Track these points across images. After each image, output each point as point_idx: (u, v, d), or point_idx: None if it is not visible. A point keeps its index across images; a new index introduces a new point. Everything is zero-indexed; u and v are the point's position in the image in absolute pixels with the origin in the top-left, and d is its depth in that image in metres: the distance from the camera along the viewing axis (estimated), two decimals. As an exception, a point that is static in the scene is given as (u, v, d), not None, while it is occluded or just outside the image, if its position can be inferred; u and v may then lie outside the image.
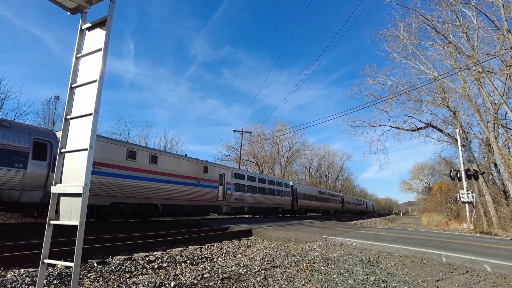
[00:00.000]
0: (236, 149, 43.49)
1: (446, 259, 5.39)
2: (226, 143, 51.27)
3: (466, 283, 4.03)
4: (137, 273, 4.28)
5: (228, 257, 5.76)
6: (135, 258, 5.22)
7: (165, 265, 4.79)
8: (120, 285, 3.55)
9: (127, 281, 3.72)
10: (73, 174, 2.63)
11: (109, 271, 4.24)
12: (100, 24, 2.92)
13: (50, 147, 10.06)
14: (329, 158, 69.35)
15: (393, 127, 26.01)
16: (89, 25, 3.02)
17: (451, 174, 18.54)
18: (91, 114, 2.64)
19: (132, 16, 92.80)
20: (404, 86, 23.85)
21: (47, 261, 2.57)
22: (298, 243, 7.66)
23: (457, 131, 19.15)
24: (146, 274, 4.23)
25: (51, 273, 3.88)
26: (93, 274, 4.04)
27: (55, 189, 2.66)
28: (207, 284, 3.74)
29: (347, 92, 77.51)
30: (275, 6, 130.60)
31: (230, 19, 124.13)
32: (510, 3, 15.59)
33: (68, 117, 2.84)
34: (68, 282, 3.69)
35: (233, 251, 6.41)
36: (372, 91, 26.95)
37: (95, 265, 4.56)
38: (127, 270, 4.37)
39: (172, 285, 3.55)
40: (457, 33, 19.14)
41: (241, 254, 6.16)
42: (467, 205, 16.76)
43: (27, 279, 3.66)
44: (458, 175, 17.84)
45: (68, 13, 3.14)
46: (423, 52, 22.31)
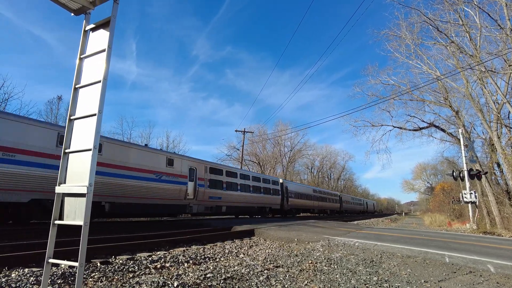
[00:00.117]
0: (238, 149, 43.52)
1: (449, 259, 5.38)
2: (228, 143, 51.50)
3: (469, 283, 4.02)
4: (140, 273, 4.30)
5: (230, 257, 5.77)
6: (138, 258, 5.24)
7: (168, 265, 4.80)
8: (123, 284, 3.56)
9: (131, 280, 3.74)
10: (77, 174, 2.64)
11: (113, 270, 4.26)
12: (103, 25, 2.93)
13: None
14: (331, 158, 69.35)
15: (395, 127, 26.00)
16: (92, 26, 3.03)
17: (454, 174, 18.47)
18: (95, 114, 2.65)
19: (133, 16, 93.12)
20: (406, 85, 23.80)
21: (51, 260, 2.58)
22: (300, 243, 7.66)
23: (459, 130, 19.08)
24: (149, 274, 4.24)
25: (55, 273, 3.91)
26: (96, 273, 4.06)
27: (59, 189, 2.68)
28: (210, 284, 3.75)
29: (349, 92, 77.34)
30: (277, 6, 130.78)
31: (231, 19, 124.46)
32: (513, 2, 15.53)
33: (72, 118, 2.85)
34: (71, 281, 3.72)
35: (236, 251, 6.42)
36: (374, 91, 26.88)
37: (99, 265, 4.59)
38: (130, 270, 4.39)
39: (175, 285, 3.56)
40: (460, 32, 19.12)
41: (244, 254, 6.17)
42: (470, 205, 16.71)
43: (32, 278, 3.69)
44: (461, 175, 17.79)
45: (72, 14, 3.16)
46: (425, 51, 22.31)
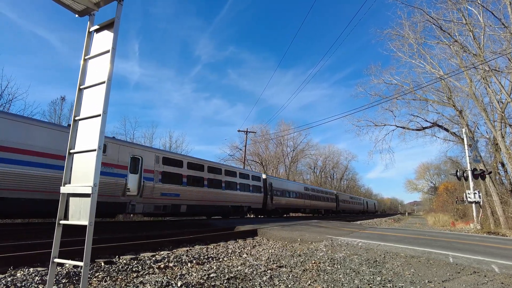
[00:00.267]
0: (240, 149, 43.57)
1: (453, 259, 5.35)
2: (230, 143, 51.37)
3: (473, 283, 4.00)
4: (144, 272, 4.31)
5: (234, 257, 5.77)
6: (142, 257, 5.26)
7: (171, 264, 4.82)
8: (127, 284, 3.58)
9: (134, 280, 3.76)
10: (82, 174, 2.67)
11: (116, 270, 4.28)
12: (108, 26, 2.95)
13: None
14: (334, 158, 69.11)
15: (398, 126, 25.84)
16: (97, 27, 3.06)
17: (458, 173, 18.36)
18: (99, 115, 2.67)
19: (136, 16, 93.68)
20: (409, 85, 23.71)
21: (57, 260, 2.61)
22: (303, 243, 7.65)
23: (463, 130, 18.96)
24: (153, 273, 4.26)
25: (59, 272, 3.94)
26: (100, 273, 4.09)
27: (64, 190, 2.70)
28: (213, 283, 3.75)
29: (352, 91, 77.05)
30: (279, 6, 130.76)
31: (234, 19, 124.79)
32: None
33: (76, 118, 2.88)
34: (76, 281, 3.74)
35: (239, 251, 6.43)
36: (377, 91, 26.81)
37: (103, 264, 4.61)
38: (134, 269, 4.41)
39: (178, 284, 3.58)
40: (463, 31, 18.98)
41: (247, 254, 6.17)
42: (473, 205, 16.59)
43: (37, 278, 3.72)
44: (464, 174, 17.67)
45: (76, 15, 3.18)
46: (428, 51, 22.17)
